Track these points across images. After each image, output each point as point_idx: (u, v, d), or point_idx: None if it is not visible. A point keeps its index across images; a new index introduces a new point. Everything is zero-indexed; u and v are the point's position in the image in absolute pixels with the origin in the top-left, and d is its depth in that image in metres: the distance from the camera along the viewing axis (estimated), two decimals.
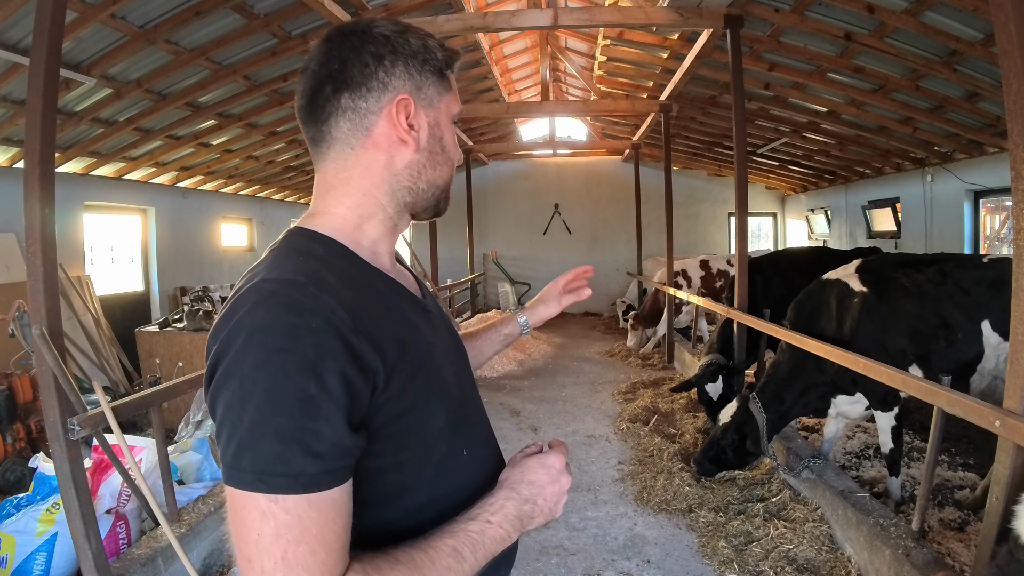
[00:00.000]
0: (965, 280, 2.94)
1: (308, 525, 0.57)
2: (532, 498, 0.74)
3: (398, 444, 0.68)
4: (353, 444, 0.61)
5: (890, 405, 2.92)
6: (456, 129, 0.85)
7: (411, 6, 4.84)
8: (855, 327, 2.95)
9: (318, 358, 0.58)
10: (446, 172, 0.81)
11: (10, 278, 4.77)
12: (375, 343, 0.64)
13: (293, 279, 0.64)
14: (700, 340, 7.13)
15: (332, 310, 0.62)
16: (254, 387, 0.57)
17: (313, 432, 0.57)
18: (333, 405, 0.59)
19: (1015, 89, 1.72)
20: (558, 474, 0.76)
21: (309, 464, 0.57)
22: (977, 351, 2.88)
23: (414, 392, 0.69)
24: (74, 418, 2.04)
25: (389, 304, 0.73)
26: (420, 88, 0.76)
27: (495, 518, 0.70)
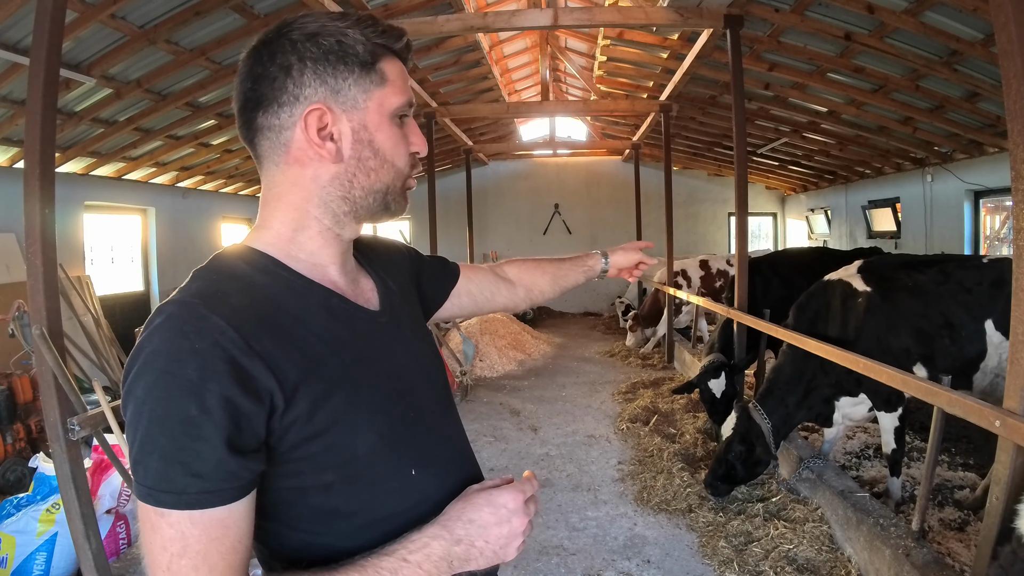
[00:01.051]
0: (967, 280, 2.96)
1: (190, 542, 0.58)
2: (468, 539, 0.67)
3: (318, 465, 0.66)
4: (239, 466, 0.60)
5: (894, 406, 2.91)
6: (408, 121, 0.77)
7: (411, 6, 4.84)
8: (860, 327, 2.95)
9: (200, 381, 0.59)
10: (385, 176, 0.74)
11: (10, 278, 4.77)
12: (272, 364, 0.62)
13: (189, 300, 0.64)
14: (700, 340, 7.13)
15: (221, 332, 0.61)
16: (143, 408, 0.59)
17: (194, 453, 0.58)
18: (213, 427, 0.58)
19: (1015, 89, 1.72)
20: (509, 514, 0.68)
21: (190, 484, 0.58)
22: (980, 349, 2.89)
23: (329, 413, 0.66)
24: (74, 418, 2.04)
25: (312, 321, 0.70)
26: (338, 92, 0.71)
27: (414, 557, 0.64)
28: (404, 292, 0.89)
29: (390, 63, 0.74)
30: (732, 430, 3.08)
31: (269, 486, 0.66)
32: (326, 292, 0.74)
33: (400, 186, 0.77)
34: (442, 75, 6.81)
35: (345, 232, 0.77)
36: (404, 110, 0.75)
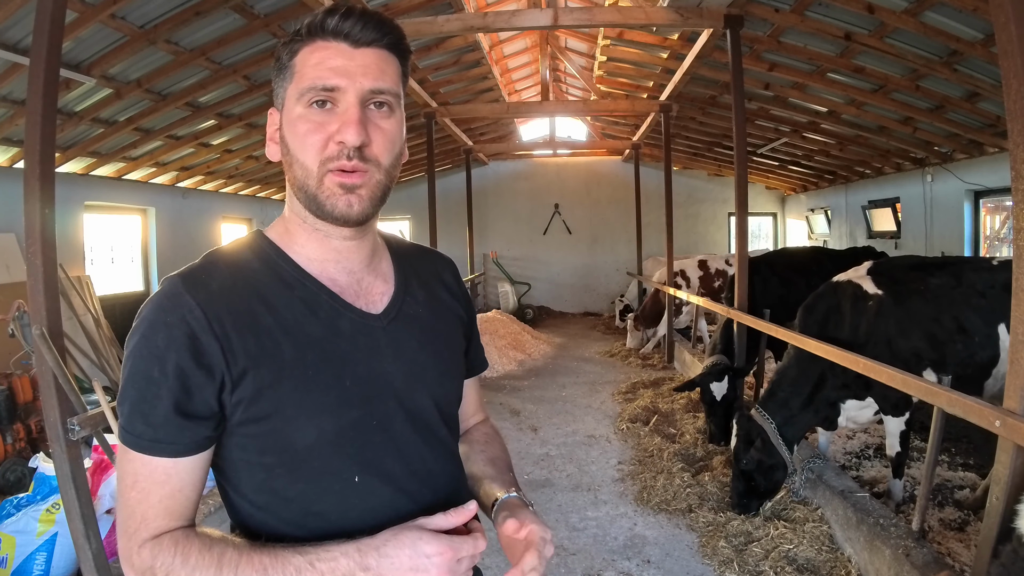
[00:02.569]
0: (979, 283, 2.91)
1: (139, 478, 0.69)
2: (375, 569, 0.66)
3: (260, 446, 0.72)
4: (184, 428, 0.69)
5: (902, 410, 2.89)
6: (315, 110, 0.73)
7: (411, 6, 4.84)
8: (870, 331, 2.91)
9: (165, 349, 0.68)
10: (297, 171, 0.74)
11: (10, 278, 4.77)
12: (226, 346, 0.70)
13: (176, 279, 0.73)
14: (700, 340, 7.13)
15: (190, 310, 0.70)
16: (127, 363, 0.71)
17: (151, 407, 0.68)
18: (166, 390, 0.68)
19: (1015, 89, 1.72)
20: (428, 565, 0.66)
21: (145, 432, 0.69)
22: (993, 354, 2.86)
23: (271, 401, 0.71)
24: (74, 418, 2.04)
25: (283, 313, 0.74)
26: (277, 95, 0.77)
27: (321, 565, 0.66)
28: (435, 306, 0.87)
29: (307, 53, 0.73)
30: (735, 437, 3.03)
31: (225, 452, 0.74)
32: (316, 287, 0.77)
33: (315, 184, 0.73)
34: (442, 75, 6.81)
35: (325, 228, 0.77)
36: (309, 97, 0.72)
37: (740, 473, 3.00)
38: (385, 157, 0.74)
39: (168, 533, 0.69)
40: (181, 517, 0.71)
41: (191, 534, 0.70)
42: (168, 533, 0.69)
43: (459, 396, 0.91)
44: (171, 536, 0.69)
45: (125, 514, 0.70)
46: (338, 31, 0.72)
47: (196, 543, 0.69)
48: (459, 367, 0.90)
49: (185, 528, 0.71)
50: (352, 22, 0.72)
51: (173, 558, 0.67)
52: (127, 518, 0.70)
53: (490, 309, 9.65)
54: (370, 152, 0.73)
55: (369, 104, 0.73)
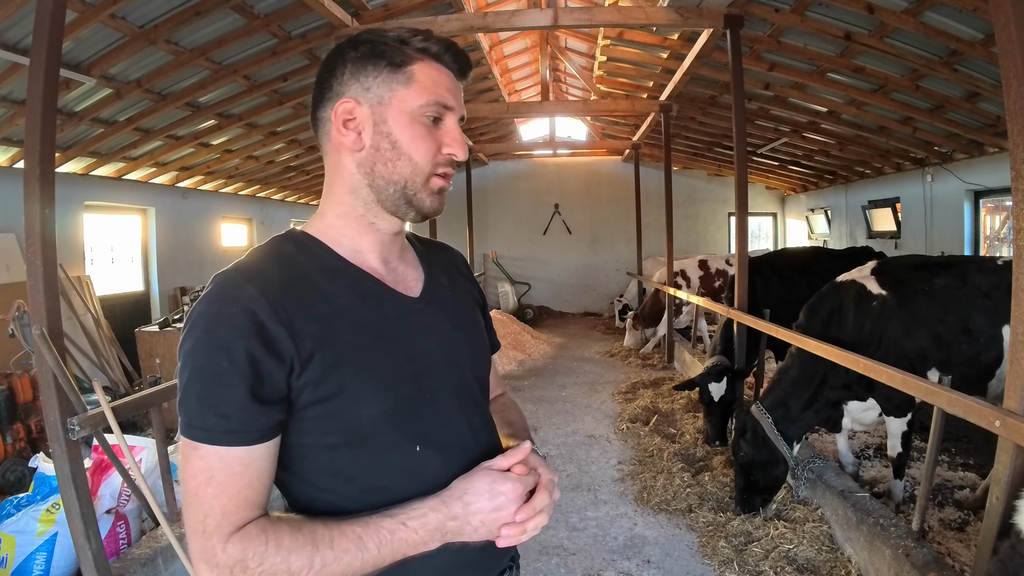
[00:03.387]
0: (984, 284, 2.90)
1: (215, 473, 0.70)
2: (463, 516, 0.74)
3: (324, 427, 0.75)
4: (259, 413, 0.71)
5: (904, 411, 2.89)
6: (445, 124, 0.83)
7: (411, 6, 4.84)
8: (875, 331, 2.91)
9: (231, 338, 0.70)
10: (402, 167, 0.81)
11: (10, 278, 4.77)
12: (293, 331, 0.73)
13: (231, 273, 0.76)
14: (700, 340, 7.13)
15: (253, 299, 0.72)
16: (188, 359, 0.71)
17: (223, 398, 0.70)
18: (239, 378, 0.70)
19: (1015, 89, 1.72)
20: (506, 502, 0.75)
21: (218, 424, 0.70)
22: (996, 355, 2.85)
23: (337, 381, 0.74)
24: (74, 418, 2.04)
25: (337, 300, 0.79)
26: (367, 88, 0.80)
27: (412, 523, 0.72)
28: (457, 289, 0.96)
29: (424, 67, 0.81)
30: (734, 431, 3.05)
31: (287, 440, 0.76)
32: (361, 275, 0.83)
33: (421, 182, 0.81)
34: None
35: (380, 222, 0.84)
36: (431, 110, 0.80)
37: (739, 468, 3.01)
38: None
39: (252, 523, 0.70)
40: (259, 506, 0.72)
41: (274, 519, 0.72)
42: (252, 523, 0.70)
43: (488, 369, 0.98)
44: (256, 525, 0.70)
45: (202, 513, 0.70)
46: (448, 63, 0.83)
47: (284, 527, 0.71)
48: (485, 343, 0.98)
49: (266, 516, 0.72)
50: (460, 62, 0.84)
51: (265, 545, 0.69)
52: (204, 516, 0.70)
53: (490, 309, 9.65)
54: (457, 164, 0.85)
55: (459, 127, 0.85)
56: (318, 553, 0.69)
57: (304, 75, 5.25)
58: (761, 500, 3.02)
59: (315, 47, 4.84)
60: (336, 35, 4.36)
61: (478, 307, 1.00)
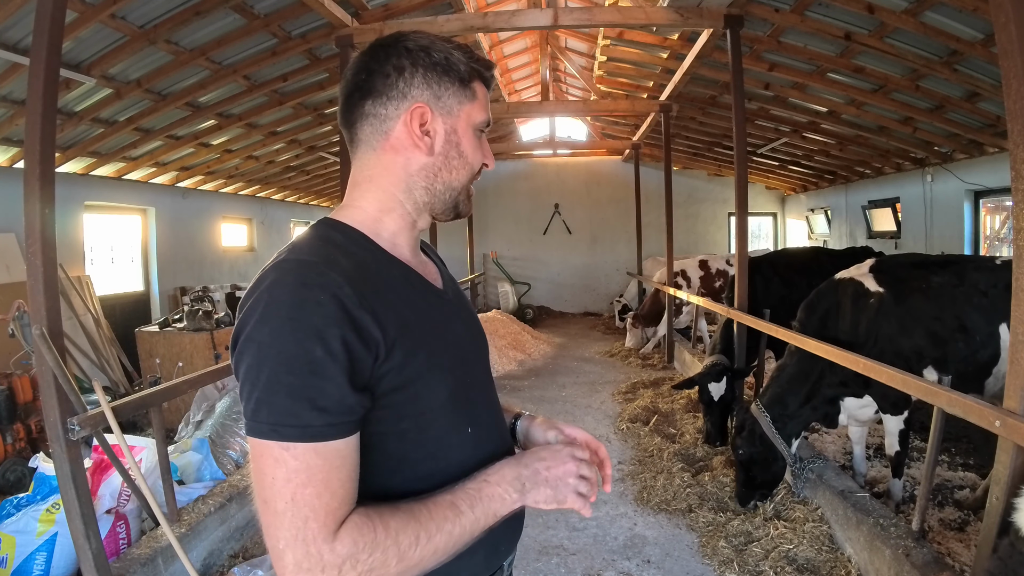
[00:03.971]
0: (982, 282, 2.91)
1: (314, 471, 0.66)
2: (533, 466, 0.80)
3: (399, 413, 0.76)
4: (356, 402, 0.69)
5: (901, 409, 2.89)
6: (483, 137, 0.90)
7: (411, 6, 4.84)
8: (870, 328, 2.92)
9: (324, 326, 0.67)
10: (463, 175, 0.86)
11: (10, 278, 4.77)
12: (377, 318, 0.72)
13: (307, 259, 0.73)
14: (700, 340, 7.13)
15: (339, 286, 0.70)
16: (269, 351, 0.66)
17: (319, 389, 0.66)
18: (337, 367, 0.67)
19: (1015, 89, 1.72)
20: (568, 457, 0.82)
21: (315, 417, 0.66)
22: (993, 353, 2.85)
23: (415, 367, 0.75)
24: (74, 418, 2.04)
25: (398, 288, 0.80)
26: (439, 97, 0.83)
27: (492, 478, 0.77)
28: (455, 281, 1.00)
29: (479, 85, 0.87)
30: (734, 428, 3.07)
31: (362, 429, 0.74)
32: (404, 267, 0.84)
33: (466, 189, 0.88)
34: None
35: (420, 221, 0.88)
36: (484, 126, 0.88)
37: (738, 464, 3.04)
38: None
39: (352, 514, 0.68)
40: (354, 499, 0.70)
41: (374, 507, 0.70)
42: (352, 514, 0.68)
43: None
44: (357, 515, 0.68)
45: (301, 518, 0.65)
46: (490, 85, 0.89)
47: (384, 510, 0.70)
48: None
49: (360, 508, 0.70)
50: (492, 85, 0.90)
51: (374, 532, 0.67)
52: (305, 520, 0.65)
53: (490, 309, 9.65)
54: None
55: None
56: (422, 527, 0.69)
57: (304, 75, 5.25)
58: (759, 495, 3.06)
59: (315, 47, 4.84)
60: (336, 35, 4.36)
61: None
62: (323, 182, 9.73)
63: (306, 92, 5.68)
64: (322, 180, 9.57)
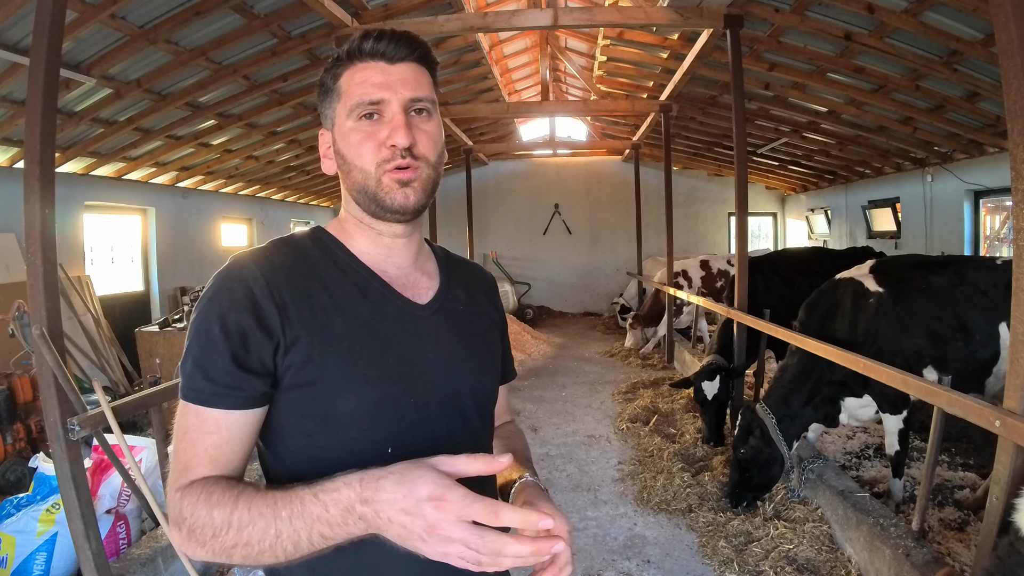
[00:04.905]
0: (982, 282, 2.92)
1: (189, 430, 0.76)
2: (374, 502, 0.61)
3: (303, 410, 0.78)
4: (241, 380, 0.75)
5: (900, 408, 2.90)
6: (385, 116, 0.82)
7: (411, 6, 4.84)
8: (871, 328, 2.92)
9: (228, 309, 0.76)
10: (356, 175, 0.83)
11: (10, 278, 4.77)
12: (285, 312, 0.77)
13: (243, 255, 0.82)
14: (700, 340, 7.13)
15: (254, 277, 0.78)
16: (193, 323, 0.78)
17: (211, 361, 0.75)
18: (226, 345, 0.75)
19: (1015, 89, 1.72)
20: (419, 511, 0.60)
21: (204, 386, 0.75)
22: (993, 353, 2.86)
23: (320, 368, 0.77)
24: (74, 418, 2.04)
25: (338, 293, 0.82)
26: (326, 116, 0.87)
27: (324, 496, 0.64)
28: (474, 307, 0.95)
29: (350, 74, 0.83)
30: (737, 428, 3.05)
31: (269, 418, 0.79)
32: (368, 274, 0.86)
33: (374, 183, 0.82)
34: (442, 75, 6.79)
35: (377, 226, 0.87)
36: (360, 111, 0.82)
37: (736, 464, 3.02)
38: (431, 154, 0.84)
39: (201, 479, 0.73)
40: (224, 467, 0.75)
41: (221, 479, 0.74)
42: (201, 479, 0.73)
43: (494, 393, 0.95)
44: (202, 480, 0.73)
45: (174, 461, 0.76)
46: (375, 52, 0.82)
47: (221, 484, 0.72)
48: (495, 365, 0.96)
49: (212, 477, 0.74)
50: (386, 43, 0.82)
51: (198, 497, 0.71)
52: (173, 469, 0.75)
53: None
54: (418, 151, 0.82)
55: (411, 111, 0.83)
56: (235, 511, 0.67)
57: (304, 75, 5.25)
58: (752, 497, 3.05)
59: (315, 47, 4.84)
60: (336, 35, 4.36)
61: (496, 330, 0.98)
62: (323, 182, 9.73)
63: (306, 92, 5.68)
64: (322, 180, 9.56)
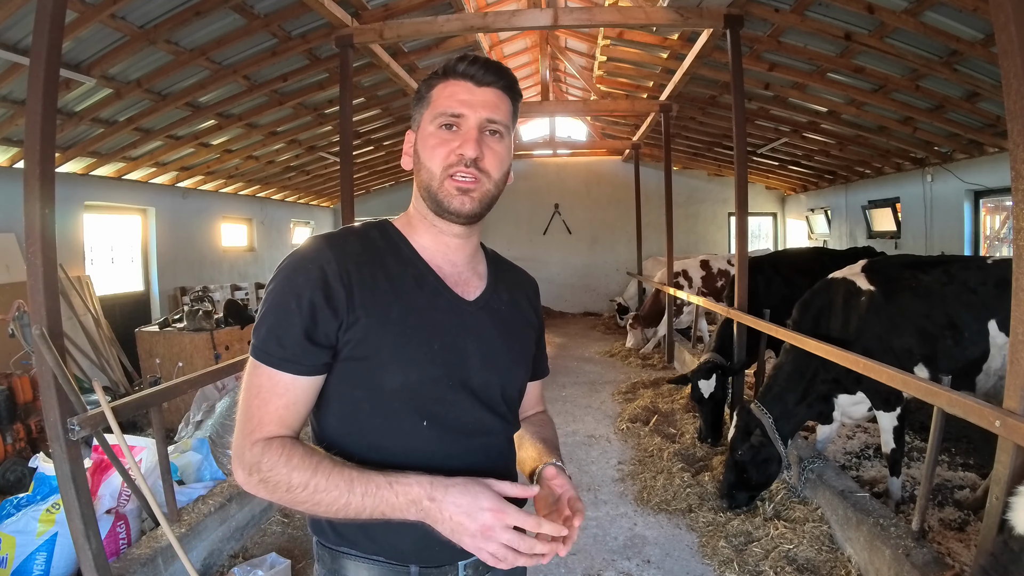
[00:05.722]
0: (971, 280, 2.94)
1: (263, 389, 0.86)
2: (440, 501, 0.79)
3: (354, 381, 0.89)
4: (308, 350, 0.86)
5: (893, 405, 2.91)
6: (459, 128, 0.93)
7: (411, 6, 4.84)
8: (862, 326, 2.94)
9: (303, 287, 0.86)
10: (424, 175, 0.94)
11: (10, 278, 4.77)
12: (351, 293, 0.87)
13: (319, 237, 0.93)
14: (700, 340, 7.13)
15: (328, 261, 0.88)
16: (268, 297, 0.88)
17: (285, 330, 0.85)
18: (300, 318, 0.85)
19: (1015, 89, 1.72)
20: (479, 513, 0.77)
21: (277, 351, 0.86)
22: (983, 350, 2.88)
23: (374, 345, 0.87)
24: (74, 418, 2.04)
25: (398, 281, 0.92)
26: (414, 119, 0.98)
27: (397, 487, 0.80)
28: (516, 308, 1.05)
29: (441, 88, 0.95)
30: (734, 428, 3.06)
31: (324, 385, 0.90)
32: (425, 268, 0.96)
33: (437, 185, 0.93)
34: None
35: (439, 224, 0.96)
36: (440, 120, 0.93)
37: (733, 464, 3.02)
38: (495, 171, 0.95)
39: (278, 438, 0.84)
40: (290, 428, 0.87)
41: (297, 442, 0.85)
42: (278, 438, 0.84)
43: (522, 388, 1.05)
44: (280, 440, 0.84)
45: (245, 418, 0.86)
46: (466, 73, 0.93)
47: (300, 449, 0.84)
48: (526, 362, 1.05)
49: (292, 438, 0.86)
50: (477, 67, 0.94)
51: (279, 457, 0.82)
52: (246, 421, 0.85)
53: None
54: (483, 165, 0.92)
55: (485, 130, 0.93)
56: (314, 478, 0.80)
57: (304, 75, 5.25)
58: (747, 497, 3.05)
59: (315, 47, 4.84)
60: (336, 35, 4.36)
61: (532, 331, 1.08)
62: (323, 182, 9.73)
63: (306, 92, 5.68)
64: (322, 180, 9.56)
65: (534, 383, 1.14)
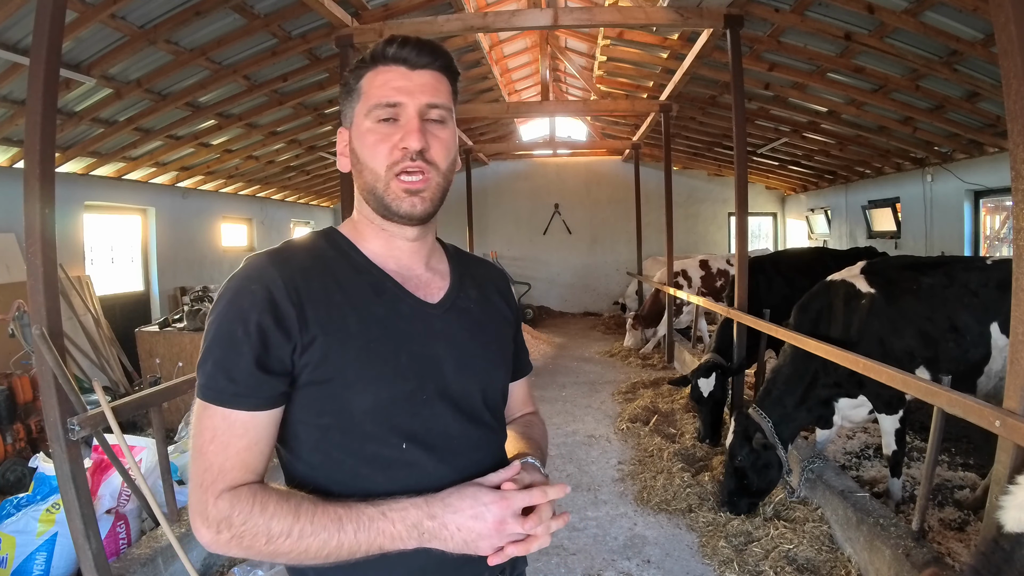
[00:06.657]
0: (973, 282, 2.93)
1: (218, 432, 0.76)
2: (441, 517, 0.74)
3: (319, 408, 0.80)
4: (263, 381, 0.76)
5: (895, 408, 2.90)
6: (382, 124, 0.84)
7: (411, 6, 4.84)
8: (862, 328, 2.92)
9: (249, 310, 0.77)
10: (367, 176, 0.85)
11: (10, 278, 4.77)
12: (301, 312, 0.78)
13: (261, 255, 0.83)
14: (700, 340, 7.13)
15: (273, 279, 0.79)
16: (211, 326, 0.78)
17: (234, 362, 0.76)
18: (248, 347, 0.76)
19: (1015, 89, 1.72)
20: (485, 512, 0.75)
21: (228, 387, 0.75)
22: (984, 352, 2.87)
23: (336, 366, 0.78)
24: (74, 418, 2.04)
25: (353, 292, 0.83)
26: (345, 115, 0.89)
27: (392, 515, 0.74)
28: (486, 304, 0.96)
29: (371, 76, 0.85)
30: (732, 434, 3.02)
31: (287, 416, 0.81)
32: (380, 275, 0.87)
33: (383, 187, 0.84)
34: None
35: (389, 227, 0.88)
36: (377, 114, 0.84)
37: (733, 471, 2.97)
38: (442, 161, 0.85)
39: (245, 485, 0.75)
40: (255, 471, 0.77)
41: (267, 487, 0.76)
42: (245, 485, 0.75)
43: (504, 389, 0.97)
44: (249, 488, 0.75)
45: (202, 467, 0.75)
46: (397, 57, 0.84)
47: (273, 494, 0.75)
48: (505, 362, 0.97)
49: (259, 482, 0.77)
50: (409, 49, 0.84)
51: (251, 507, 0.73)
52: (204, 471, 0.75)
53: None
54: (430, 156, 0.84)
55: (426, 117, 0.84)
56: (297, 523, 0.72)
57: (304, 75, 5.25)
58: (749, 504, 3.00)
59: (315, 47, 4.84)
60: (336, 35, 4.36)
61: (508, 326, 0.99)
62: (323, 182, 9.73)
63: (306, 92, 5.68)
64: (322, 180, 9.56)
65: (517, 383, 1.06)
